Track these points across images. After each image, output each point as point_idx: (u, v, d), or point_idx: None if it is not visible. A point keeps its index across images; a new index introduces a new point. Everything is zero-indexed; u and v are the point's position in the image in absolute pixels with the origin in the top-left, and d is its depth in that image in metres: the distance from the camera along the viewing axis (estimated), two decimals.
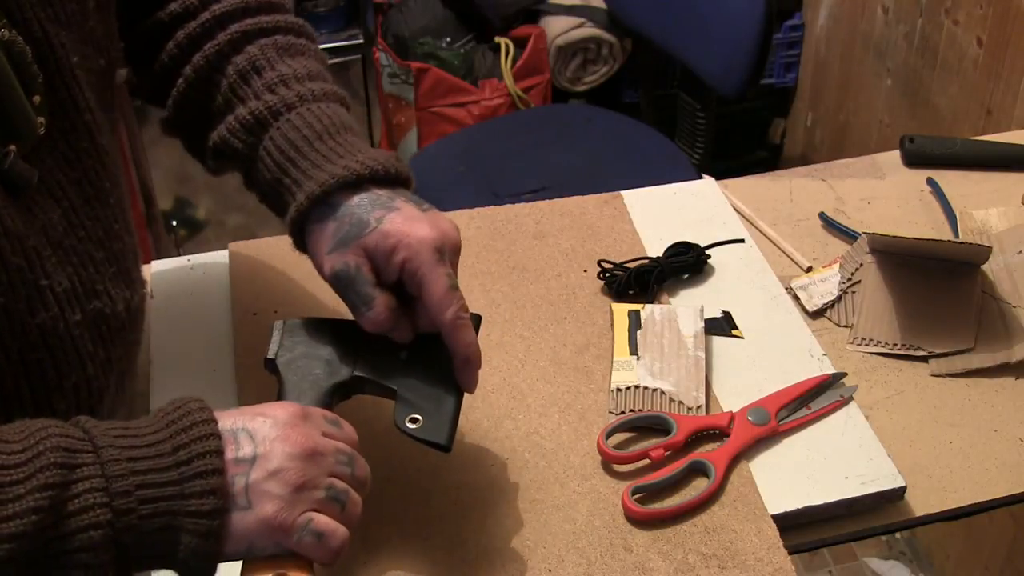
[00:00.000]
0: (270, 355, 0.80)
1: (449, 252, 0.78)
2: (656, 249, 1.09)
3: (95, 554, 0.59)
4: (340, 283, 0.77)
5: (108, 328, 0.73)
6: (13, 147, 0.66)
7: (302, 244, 0.81)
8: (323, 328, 0.81)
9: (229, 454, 0.65)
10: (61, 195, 0.71)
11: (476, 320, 0.82)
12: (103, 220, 0.74)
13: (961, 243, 1.08)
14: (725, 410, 0.93)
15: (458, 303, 0.77)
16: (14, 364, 0.66)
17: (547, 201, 1.16)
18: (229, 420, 0.67)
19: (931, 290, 1.04)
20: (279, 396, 0.78)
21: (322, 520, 0.66)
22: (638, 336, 0.98)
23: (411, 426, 0.77)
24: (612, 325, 1.00)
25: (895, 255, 1.05)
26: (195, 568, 0.63)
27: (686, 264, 1.06)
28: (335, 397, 0.78)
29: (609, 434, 0.89)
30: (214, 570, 0.64)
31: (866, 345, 1.02)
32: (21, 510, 0.57)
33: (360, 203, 0.77)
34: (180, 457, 0.63)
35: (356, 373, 0.79)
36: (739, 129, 2.55)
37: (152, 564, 0.63)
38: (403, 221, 0.77)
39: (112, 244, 0.75)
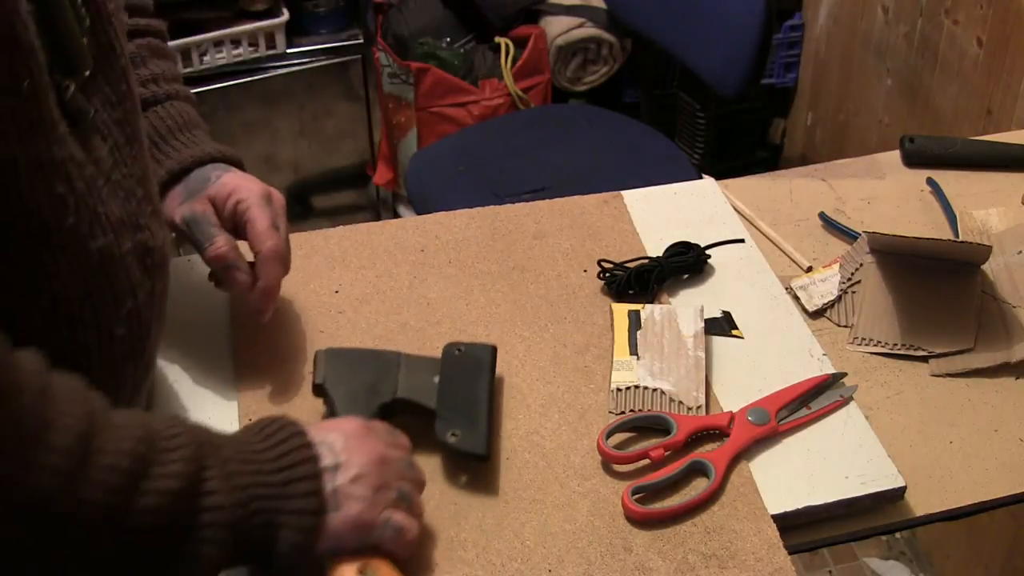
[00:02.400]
0: (318, 380, 0.90)
1: (276, 203, 0.94)
2: (656, 249, 1.09)
3: (216, 544, 0.66)
4: (188, 226, 0.92)
5: (152, 261, 0.79)
6: (71, 82, 0.71)
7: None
8: (363, 356, 0.92)
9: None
10: (107, 132, 0.76)
11: (491, 351, 0.93)
12: (140, 160, 0.81)
13: (961, 243, 1.08)
14: (725, 410, 0.93)
15: (275, 239, 0.92)
16: (79, 288, 0.71)
17: (547, 201, 1.16)
18: (309, 435, 0.75)
19: (931, 290, 1.04)
20: (329, 416, 0.88)
21: (399, 516, 0.76)
22: (638, 336, 0.98)
23: (452, 440, 0.87)
24: (612, 325, 1.00)
25: (895, 255, 1.05)
26: (291, 563, 0.71)
27: (686, 264, 1.06)
28: (379, 417, 0.87)
29: (609, 434, 0.89)
30: (304, 567, 0.72)
31: (866, 345, 1.02)
32: (163, 487, 0.64)
33: (204, 170, 0.95)
34: (283, 463, 0.72)
35: (398, 396, 0.89)
36: (739, 129, 2.54)
37: (251, 558, 0.71)
38: (238, 177, 0.95)
39: (148, 184, 0.82)
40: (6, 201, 0.64)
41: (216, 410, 0.93)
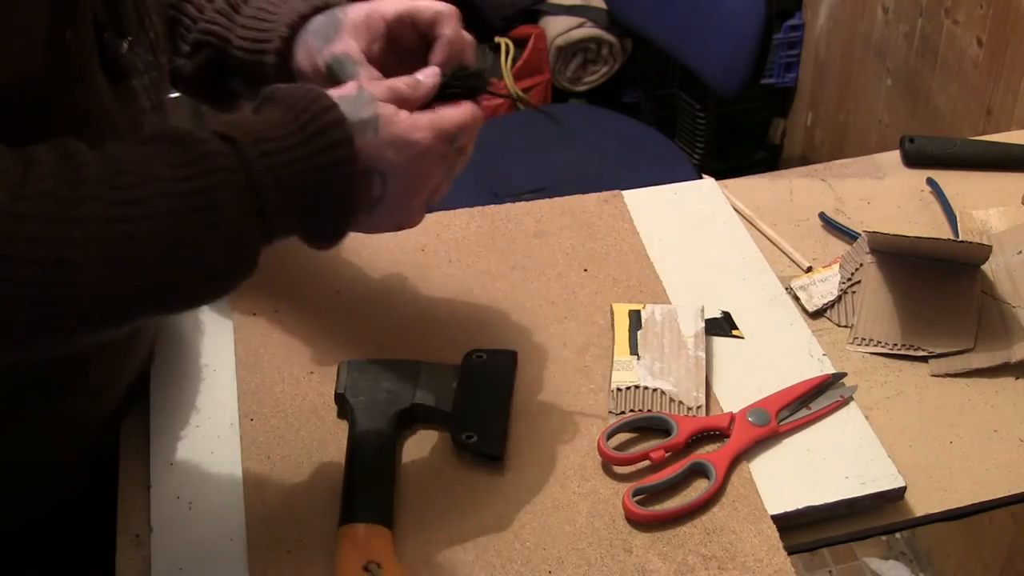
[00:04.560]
0: (339, 390, 0.91)
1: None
2: (656, 249, 1.09)
3: (235, 205, 0.66)
4: (332, 72, 0.83)
5: None
6: (123, 42, 0.74)
7: (286, 71, 0.86)
8: (383, 366, 0.93)
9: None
10: (138, 96, 0.77)
11: (512, 357, 0.96)
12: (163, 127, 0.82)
13: (961, 243, 1.08)
14: (725, 410, 0.93)
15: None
16: None
17: (547, 200, 1.16)
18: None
19: (931, 290, 1.04)
20: (350, 426, 0.89)
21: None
22: (638, 336, 0.98)
23: (468, 442, 0.88)
24: (612, 325, 1.00)
25: (895, 255, 1.05)
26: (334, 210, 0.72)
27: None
28: (399, 423, 0.89)
29: (609, 435, 0.89)
30: (346, 222, 0.73)
31: (866, 345, 1.02)
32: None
33: (331, 12, 0.85)
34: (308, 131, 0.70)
35: (416, 401, 0.90)
36: (739, 129, 2.55)
37: (296, 219, 0.71)
38: (368, 4, 0.85)
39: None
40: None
41: (215, 410, 0.93)
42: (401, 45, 0.85)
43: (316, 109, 0.70)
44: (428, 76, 0.79)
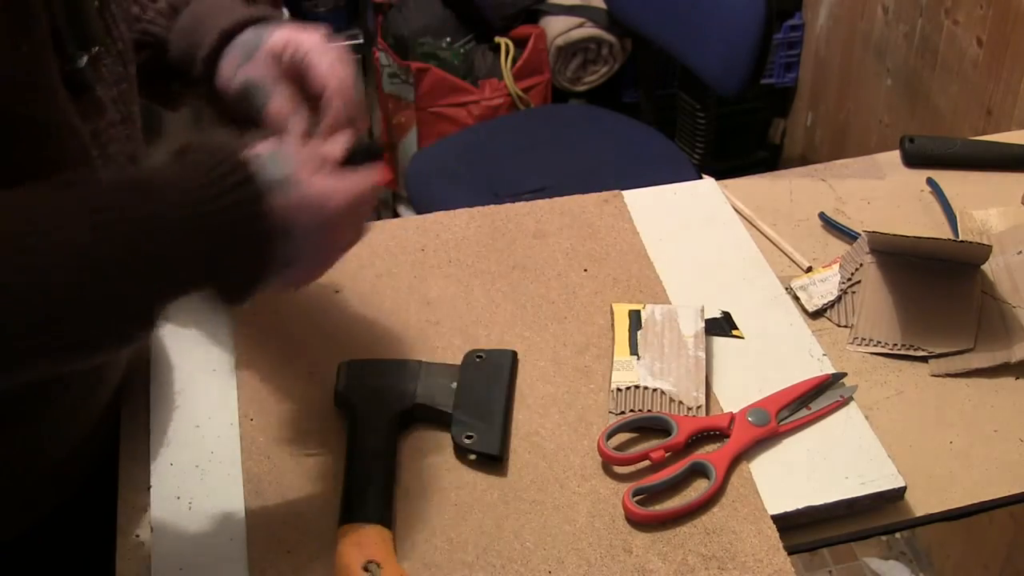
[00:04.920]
0: (339, 390, 0.91)
1: (340, 50, 0.86)
2: (656, 249, 1.09)
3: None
4: (245, 93, 0.84)
5: None
6: (84, 54, 0.73)
7: (209, 88, 0.87)
8: (383, 366, 0.94)
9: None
10: (106, 108, 0.77)
11: (511, 357, 0.96)
12: (133, 140, 0.82)
13: (961, 242, 1.08)
14: (725, 410, 0.93)
15: (340, 75, 0.83)
16: None
17: (547, 200, 1.16)
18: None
19: (931, 290, 1.04)
20: (350, 426, 0.89)
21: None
22: (638, 336, 0.98)
23: (467, 442, 0.88)
24: (612, 325, 1.00)
25: (895, 255, 1.05)
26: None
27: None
28: (399, 424, 0.90)
29: (609, 435, 0.89)
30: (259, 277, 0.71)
31: (866, 345, 1.02)
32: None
33: (255, 29, 0.86)
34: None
35: (416, 401, 0.91)
36: (739, 129, 2.54)
37: (200, 276, 0.69)
38: (293, 28, 0.86)
39: (139, 164, 0.83)
40: None
41: (215, 410, 0.93)
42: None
43: (228, 167, 0.69)
44: (338, 142, 0.78)
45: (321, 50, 0.83)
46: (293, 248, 0.72)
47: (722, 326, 1.02)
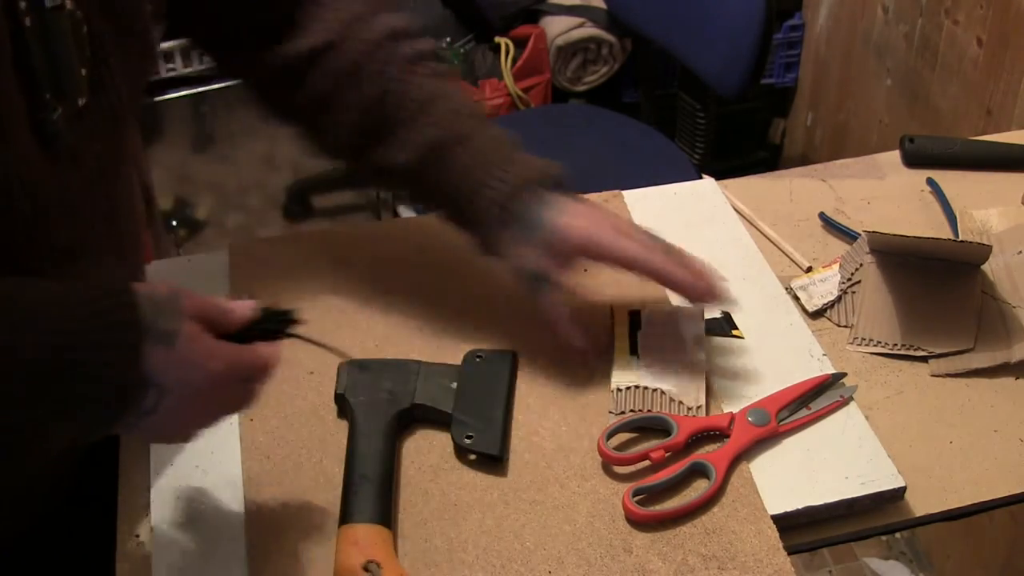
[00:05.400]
0: (339, 390, 0.91)
1: (636, 233, 0.92)
2: None
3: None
4: (531, 283, 0.91)
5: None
6: (60, 106, 0.70)
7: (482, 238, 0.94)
8: (383, 366, 0.94)
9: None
10: (81, 162, 0.74)
11: (511, 357, 0.97)
12: (113, 198, 0.80)
13: (961, 242, 1.08)
14: (725, 410, 0.93)
15: (647, 252, 0.89)
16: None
17: None
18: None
19: (931, 290, 1.04)
20: (350, 426, 0.89)
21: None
22: (639, 337, 0.98)
23: (467, 442, 0.88)
24: (612, 325, 1.00)
25: (895, 255, 1.05)
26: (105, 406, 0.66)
27: None
28: (399, 424, 0.89)
29: (609, 435, 0.89)
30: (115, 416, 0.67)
31: (866, 345, 1.02)
32: None
33: (529, 208, 0.91)
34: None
35: (416, 401, 0.91)
36: (739, 129, 2.55)
37: (51, 411, 0.64)
38: (574, 215, 0.91)
39: (116, 222, 0.81)
40: None
41: None
42: None
43: (112, 304, 0.66)
44: (242, 309, 0.75)
45: (620, 240, 0.90)
46: (158, 401, 0.68)
47: (722, 326, 1.02)
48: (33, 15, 0.67)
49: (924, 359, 1.01)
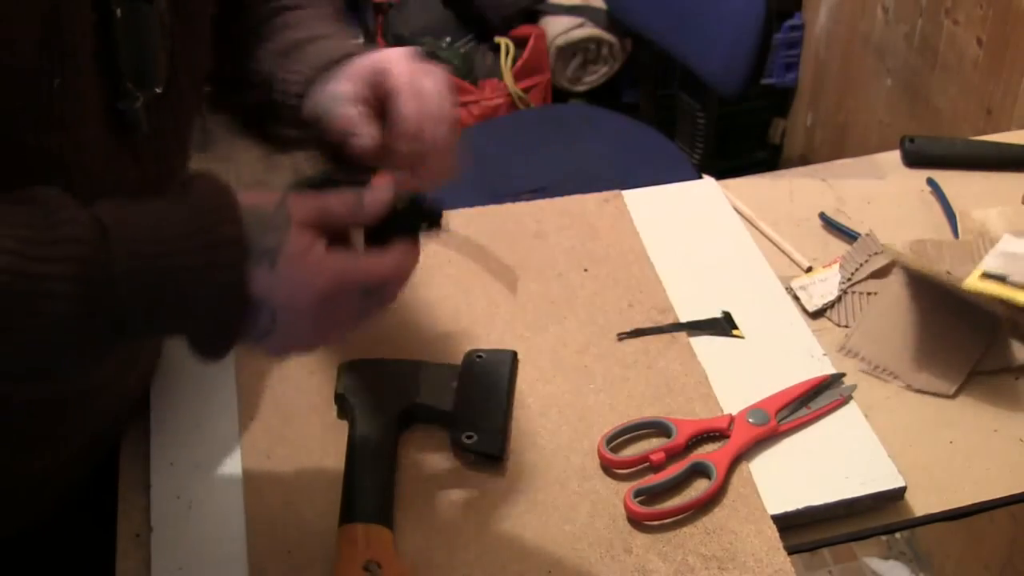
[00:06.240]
0: (339, 390, 0.91)
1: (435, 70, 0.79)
2: (656, 249, 1.09)
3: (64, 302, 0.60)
4: (319, 116, 0.78)
5: None
6: (142, 95, 0.71)
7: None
8: (383, 366, 0.94)
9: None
10: (141, 158, 0.74)
11: (511, 357, 0.95)
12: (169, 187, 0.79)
13: (973, 298, 1.01)
14: (725, 411, 0.93)
15: (417, 87, 0.76)
16: None
17: (547, 200, 1.16)
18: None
19: (944, 325, 1.01)
20: (350, 426, 0.89)
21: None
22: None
23: (467, 442, 0.88)
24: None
25: (926, 279, 1.02)
26: (215, 327, 0.66)
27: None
28: (399, 424, 0.89)
29: (609, 440, 0.89)
30: (231, 337, 0.66)
31: (852, 357, 1.00)
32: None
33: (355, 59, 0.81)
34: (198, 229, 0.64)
35: (416, 401, 0.91)
36: (739, 129, 2.54)
37: (164, 326, 0.66)
38: (387, 52, 0.80)
39: None
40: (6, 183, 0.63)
41: (215, 410, 0.93)
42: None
43: (215, 219, 0.64)
44: (374, 202, 0.71)
45: (406, 65, 0.77)
46: (271, 321, 0.66)
47: (722, 326, 1.02)
48: (124, 5, 0.67)
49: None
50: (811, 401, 0.94)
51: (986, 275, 1.00)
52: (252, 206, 0.66)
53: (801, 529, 0.87)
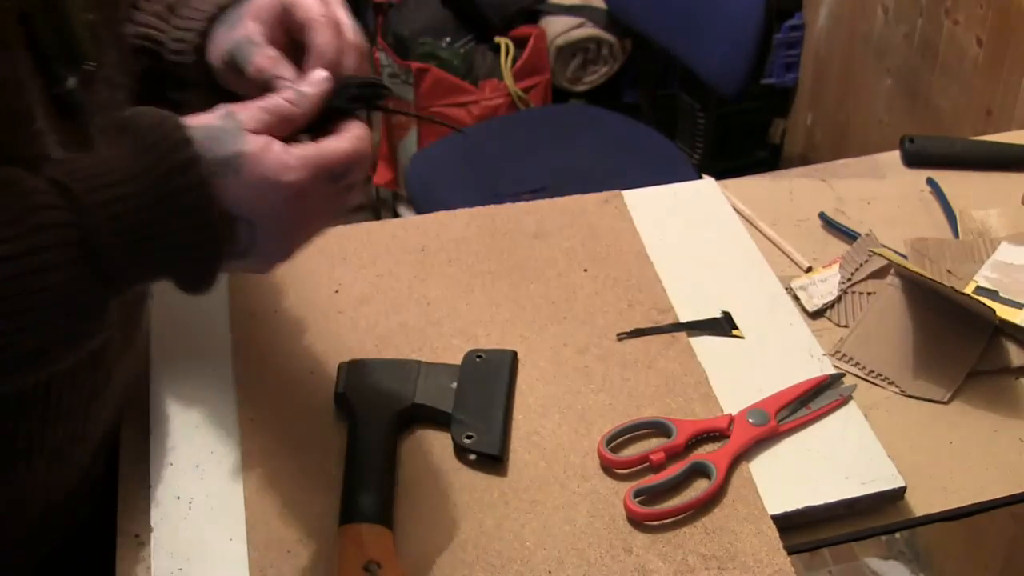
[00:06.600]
0: (339, 390, 0.91)
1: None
2: (656, 249, 1.09)
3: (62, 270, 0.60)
4: (231, 58, 0.75)
5: None
6: (71, 77, 0.68)
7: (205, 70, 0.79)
8: (383, 366, 0.94)
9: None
10: (88, 139, 0.72)
11: (511, 357, 0.96)
12: None
13: (970, 297, 1.01)
14: (725, 411, 0.93)
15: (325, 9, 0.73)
16: None
17: (547, 200, 1.16)
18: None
19: (939, 332, 1.01)
20: (350, 426, 0.89)
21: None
22: None
23: (467, 442, 0.88)
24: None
25: (921, 286, 1.02)
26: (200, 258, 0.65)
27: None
28: (399, 424, 0.89)
29: (609, 440, 0.89)
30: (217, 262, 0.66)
31: (845, 362, 1.00)
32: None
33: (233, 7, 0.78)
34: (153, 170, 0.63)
35: (416, 401, 0.90)
36: (739, 129, 2.55)
37: (150, 267, 0.64)
38: None
39: None
40: None
41: (215, 410, 0.93)
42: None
43: (166, 147, 0.62)
44: (313, 85, 0.69)
45: None
46: (250, 233, 0.66)
47: (722, 326, 1.02)
48: None
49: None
50: (811, 401, 0.94)
51: (979, 289, 1.01)
52: (198, 124, 0.64)
53: (801, 529, 0.87)
